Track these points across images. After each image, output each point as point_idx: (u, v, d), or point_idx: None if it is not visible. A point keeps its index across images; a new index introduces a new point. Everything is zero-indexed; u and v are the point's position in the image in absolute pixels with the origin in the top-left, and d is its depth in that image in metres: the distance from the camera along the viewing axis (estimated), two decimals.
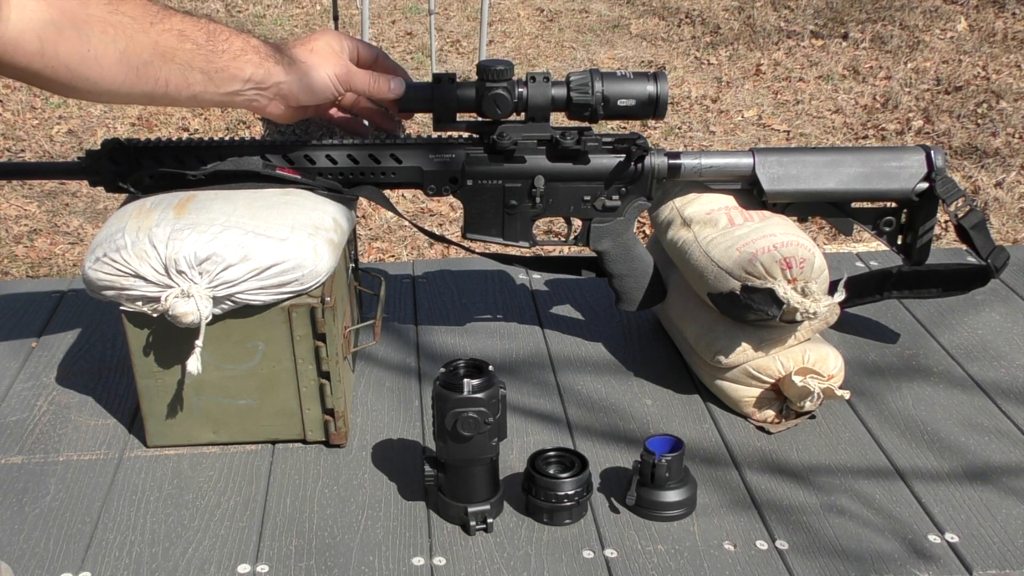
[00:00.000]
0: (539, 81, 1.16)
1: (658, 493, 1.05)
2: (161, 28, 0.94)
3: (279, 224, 1.09)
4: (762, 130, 4.05)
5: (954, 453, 1.16)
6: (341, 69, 1.09)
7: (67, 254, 3.11)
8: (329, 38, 1.09)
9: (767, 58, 4.76)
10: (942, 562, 1.00)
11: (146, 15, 0.94)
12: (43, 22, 0.87)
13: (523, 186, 1.21)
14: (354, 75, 1.11)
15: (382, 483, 1.11)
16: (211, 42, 0.98)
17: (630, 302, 1.28)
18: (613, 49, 4.95)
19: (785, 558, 1.00)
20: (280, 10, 5.38)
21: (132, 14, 0.92)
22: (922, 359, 1.35)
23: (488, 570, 0.99)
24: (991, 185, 3.50)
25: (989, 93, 4.25)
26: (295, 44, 1.08)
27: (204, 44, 0.97)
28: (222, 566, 0.99)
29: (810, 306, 1.12)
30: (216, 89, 1.00)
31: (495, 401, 1.00)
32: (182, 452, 1.16)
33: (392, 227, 3.23)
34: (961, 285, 1.31)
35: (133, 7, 0.93)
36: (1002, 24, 5.02)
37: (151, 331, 1.09)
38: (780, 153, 1.24)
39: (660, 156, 1.21)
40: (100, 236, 1.09)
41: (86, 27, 0.89)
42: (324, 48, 1.08)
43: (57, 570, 0.99)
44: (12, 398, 1.27)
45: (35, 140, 3.90)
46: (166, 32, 0.95)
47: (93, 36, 0.90)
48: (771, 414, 1.21)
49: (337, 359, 1.12)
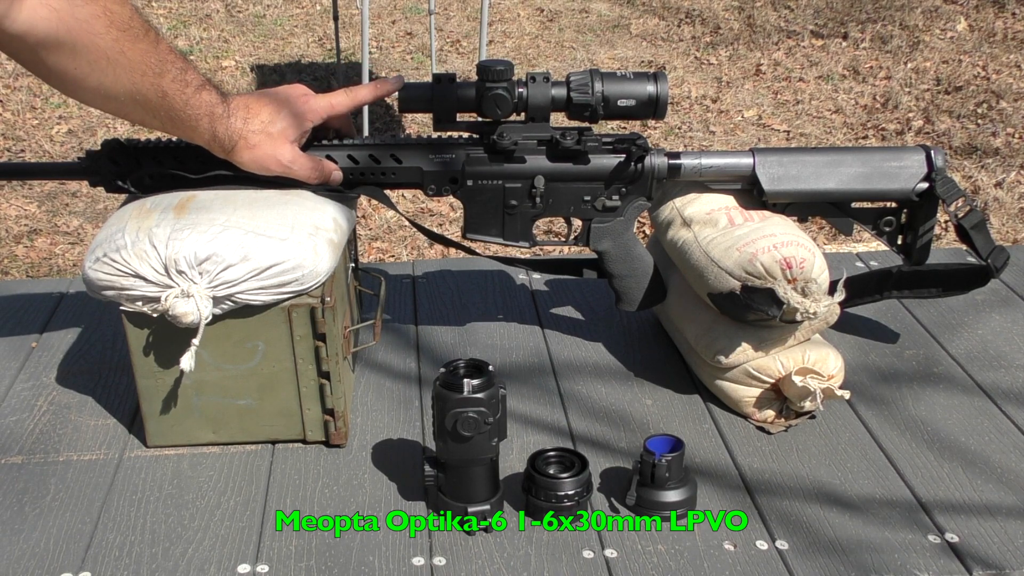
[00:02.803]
0: (539, 81, 1.16)
1: (658, 493, 1.04)
2: (149, 83, 0.99)
3: (279, 224, 1.09)
4: (762, 130, 4.05)
5: (954, 453, 1.16)
6: (279, 168, 1.12)
7: (67, 254, 3.11)
8: (287, 124, 1.11)
9: (767, 58, 4.76)
10: (942, 562, 1.00)
11: (143, 63, 0.98)
12: (47, 33, 0.90)
13: (523, 186, 1.21)
14: (295, 171, 1.13)
15: (382, 483, 1.11)
16: (184, 110, 1.03)
17: (630, 302, 1.28)
18: (613, 49, 4.95)
19: (785, 558, 1.00)
20: (280, 10, 5.38)
21: (132, 58, 0.97)
22: (922, 359, 1.35)
23: (488, 570, 0.99)
24: (991, 185, 3.50)
25: (989, 93, 4.25)
26: (255, 119, 1.09)
27: (177, 110, 1.03)
28: (222, 566, 0.99)
29: (810, 306, 1.12)
30: (168, 132, 1.08)
31: (495, 401, 1.00)
32: (182, 452, 1.16)
33: (392, 227, 3.23)
34: (961, 285, 1.31)
35: (137, 52, 0.97)
36: (1002, 24, 5.02)
37: (151, 331, 1.09)
38: (780, 153, 1.24)
39: (660, 156, 1.21)
40: (100, 236, 1.09)
41: (83, 51, 0.93)
42: (277, 137, 1.11)
43: (57, 570, 0.99)
44: (12, 398, 1.27)
45: (35, 140, 3.90)
46: (151, 88, 1.00)
47: (84, 61, 0.94)
48: (771, 414, 1.21)
49: (337, 359, 1.12)
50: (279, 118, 1.11)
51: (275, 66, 4.64)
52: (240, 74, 4.57)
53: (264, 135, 1.10)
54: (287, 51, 4.87)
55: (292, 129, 1.11)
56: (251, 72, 4.57)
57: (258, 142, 1.10)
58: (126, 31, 0.95)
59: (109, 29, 0.93)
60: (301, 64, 4.68)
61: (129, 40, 0.95)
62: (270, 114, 1.10)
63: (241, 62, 4.70)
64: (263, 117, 1.10)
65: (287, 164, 1.12)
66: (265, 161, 1.11)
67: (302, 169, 1.13)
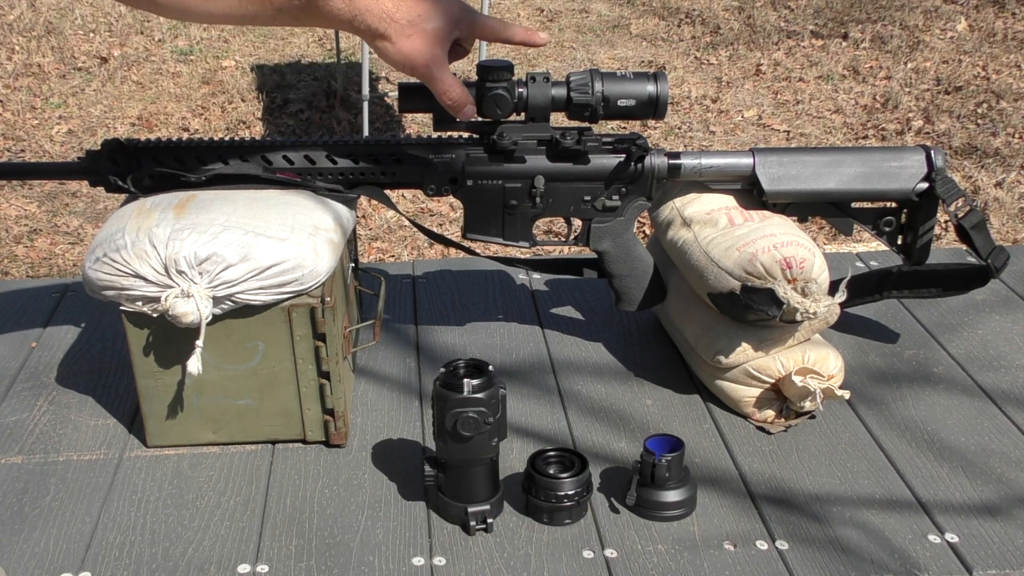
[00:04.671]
0: (539, 81, 1.16)
1: (658, 493, 1.05)
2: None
3: (279, 224, 1.09)
4: (762, 130, 4.05)
5: (954, 453, 1.16)
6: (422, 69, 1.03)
7: (67, 254, 3.11)
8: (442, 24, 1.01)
9: (767, 58, 4.76)
10: (942, 562, 1.00)
11: None
12: None
13: (523, 186, 1.21)
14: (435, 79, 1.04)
15: (382, 483, 1.11)
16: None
17: (630, 302, 1.28)
18: (613, 49, 4.95)
19: (785, 558, 1.00)
20: None
21: None
22: (922, 359, 1.35)
23: (488, 570, 0.99)
24: (991, 185, 3.50)
25: (989, 93, 4.25)
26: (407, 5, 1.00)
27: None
28: (222, 566, 0.99)
29: (810, 306, 1.12)
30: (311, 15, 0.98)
31: (495, 401, 1.00)
32: (182, 452, 1.16)
33: (392, 227, 3.23)
34: (961, 285, 1.31)
35: None
36: (1002, 24, 5.02)
37: (151, 331, 1.09)
38: (780, 153, 1.24)
39: (660, 156, 1.21)
40: (100, 236, 1.09)
41: None
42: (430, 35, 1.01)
43: (57, 570, 0.99)
44: (12, 398, 1.27)
45: (35, 140, 3.90)
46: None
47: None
48: (771, 414, 1.21)
49: (337, 359, 1.12)
50: (435, 15, 1.00)
51: (275, 66, 4.64)
52: (240, 74, 4.57)
53: (419, 29, 1.00)
54: (287, 51, 4.87)
55: (445, 31, 1.02)
56: (251, 72, 4.57)
57: (413, 33, 0.99)
58: None
59: None
60: (301, 64, 4.68)
61: None
62: (425, 7, 1.00)
63: (241, 62, 4.70)
64: (418, 8, 0.99)
65: (436, 68, 1.02)
66: (417, 57, 1.00)
67: (444, 81, 1.04)
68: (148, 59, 4.71)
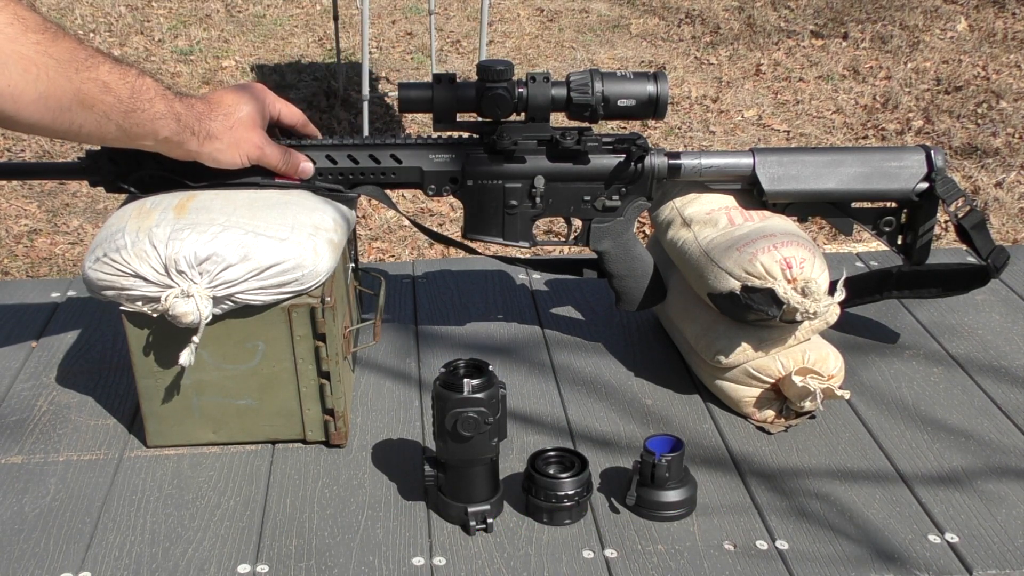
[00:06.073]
0: (539, 81, 1.16)
1: (658, 493, 1.05)
2: (86, 76, 0.94)
3: (279, 224, 1.09)
4: (762, 130, 4.05)
5: (954, 453, 1.16)
6: (255, 151, 1.11)
7: (67, 254, 3.11)
8: (252, 108, 1.10)
9: (767, 58, 4.76)
10: (942, 562, 1.00)
11: (74, 60, 0.93)
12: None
13: (523, 186, 1.21)
14: (267, 156, 1.13)
15: (382, 483, 1.11)
16: (133, 99, 0.99)
17: (630, 302, 1.28)
18: (613, 49, 4.95)
19: (785, 558, 1.00)
20: (280, 10, 5.38)
21: (59, 57, 0.92)
22: (922, 359, 1.35)
23: (488, 570, 0.99)
24: (991, 185, 3.50)
25: (989, 93, 4.25)
26: (217, 109, 1.08)
27: (126, 100, 0.98)
28: (222, 566, 0.99)
29: (810, 306, 1.12)
30: (129, 141, 1.03)
31: (495, 401, 1.00)
32: (182, 452, 1.16)
33: (392, 227, 3.23)
34: (961, 285, 1.31)
35: (62, 50, 0.92)
36: (1002, 24, 5.02)
37: (151, 331, 1.09)
38: (780, 153, 1.24)
39: (660, 156, 1.21)
40: (100, 236, 1.09)
41: (10, 63, 0.89)
42: (246, 121, 1.10)
43: (57, 570, 0.99)
44: (12, 398, 1.27)
45: (35, 140, 3.90)
46: (90, 81, 0.95)
47: (15, 73, 0.89)
48: (771, 414, 1.21)
49: (337, 359, 1.12)
50: (243, 103, 1.10)
51: (275, 66, 4.64)
52: (240, 74, 4.57)
53: (235, 119, 1.09)
54: (287, 51, 4.87)
55: (258, 115, 1.11)
56: (251, 72, 4.57)
57: (232, 125, 1.08)
58: (43, 32, 0.91)
59: (26, 33, 0.89)
60: (301, 64, 4.68)
61: (50, 40, 0.91)
62: (233, 100, 1.09)
63: (241, 62, 4.70)
64: (228, 102, 1.09)
65: (260, 146, 1.11)
66: (242, 145, 1.09)
67: (273, 154, 1.13)
68: (148, 59, 4.71)
